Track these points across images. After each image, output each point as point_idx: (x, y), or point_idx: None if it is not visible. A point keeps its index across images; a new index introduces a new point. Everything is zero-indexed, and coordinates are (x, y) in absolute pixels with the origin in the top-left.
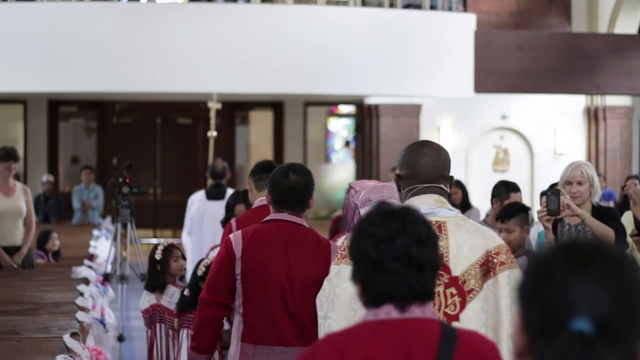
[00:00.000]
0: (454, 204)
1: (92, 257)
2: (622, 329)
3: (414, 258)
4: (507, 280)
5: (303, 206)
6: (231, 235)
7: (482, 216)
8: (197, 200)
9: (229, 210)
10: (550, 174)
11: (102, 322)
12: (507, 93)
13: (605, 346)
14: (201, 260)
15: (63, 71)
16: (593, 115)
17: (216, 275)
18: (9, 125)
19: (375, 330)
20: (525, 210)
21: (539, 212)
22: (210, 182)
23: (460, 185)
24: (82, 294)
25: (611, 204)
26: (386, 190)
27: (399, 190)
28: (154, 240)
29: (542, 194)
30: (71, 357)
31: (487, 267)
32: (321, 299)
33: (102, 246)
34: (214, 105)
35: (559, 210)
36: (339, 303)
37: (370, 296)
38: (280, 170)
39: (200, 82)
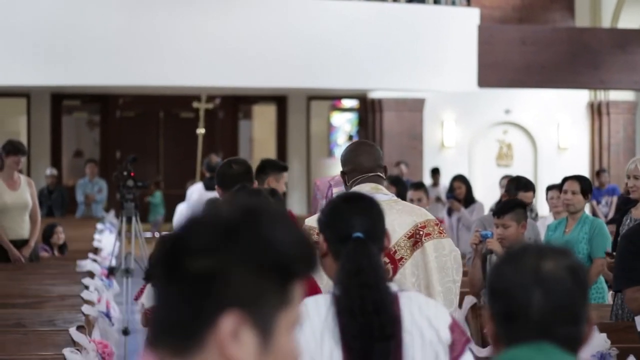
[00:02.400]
0: (457, 199)
1: (96, 251)
2: (376, 236)
3: None
4: (434, 248)
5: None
6: None
7: (487, 210)
8: (196, 191)
9: None
10: (554, 169)
11: (107, 315)
12: (511, 88)
13: (370, 243)
14: None
15: (66, 64)
16: (596, 110)
17: None
18: (12, 118)
19: None
20: (522, 205)
21: None
22: (206, 175)
23: (463, 180)
24: (87, 287)
25: (614, 199)
26: None
27: (345, 184)
28: (157, 235)
29: (548, 188)
30: (77, 350)
31: (415, 239)
32: None
33: (106, 240)
34: (202, 106)
35: None
36: None
37: None
38: (225, 163)
39: (203, 75)
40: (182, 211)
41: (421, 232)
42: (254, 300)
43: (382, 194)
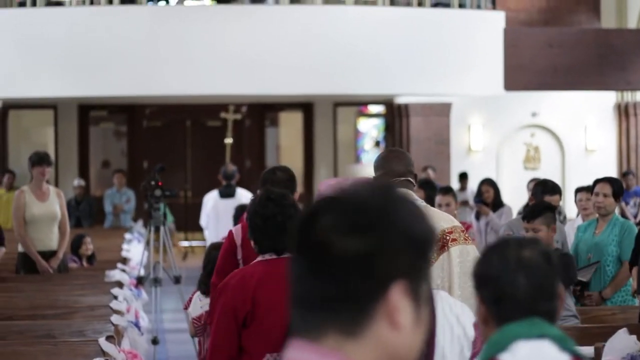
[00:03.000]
0: (485, 203)
1: (124, 261)
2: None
3: (287, 228)
4: (459, 253)
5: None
6: (233, 228)
7: (515, 214)
8: (212, 198)
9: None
10: (582, 171)
11: (137, 325)
12: (537, 90)
13: None
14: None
15: (93, 76)
16: (624, 112)
17: (222, 261)
18: (39, 130)
19: (265, 264)
20: (551, 209)
21: None
22: (223, 183)
23: (492, 183)
24: (116, 297)
25: None
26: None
27: None
28: (186, 243)
29: (577, 190)
30: None
31: (442, 243)
32: None
33: (135, 249)
34: (230, 117)
35: None
36: None
37: (260, 248)
38: (269, 169)
39: (229, 84)
40: (202, 219)
41: (447, 237)
42: (411, 272)
43: None
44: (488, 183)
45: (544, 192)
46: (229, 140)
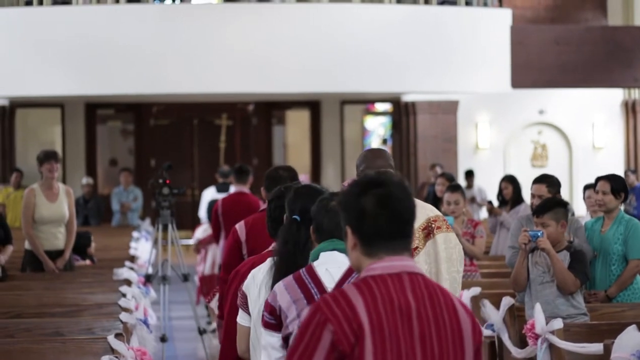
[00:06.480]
0: (504, 200)
1: (132, 259)
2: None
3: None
4: (443, 240)
5: None
6: (237, 225)
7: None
8: (209, 193)
9: None
10: (589, 169)
11: (145, 322)
12: (544, 88)
13: (303, 225)
14: None
15: (100, 74)
16: (631, 109)
17: (228, 256)
18: (47, 128)
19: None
20: (562, 204)
21: None
22: (220, 180)
23: (511, 180)
24: (124, 295)
25: None
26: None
27: None
28: (193, 242)
29: (585, 187)
30: (116, 357)
31: (428, 231)
32: None
33: (142, 247)
34: (224, 122)
35: None
36: None
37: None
38: (273, 168)
39: (236, 82)
40: (201, 211)
41: (433, 225)
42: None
43: None
44: (507, 180)
45: (534, 182)
46: (222, 145)
